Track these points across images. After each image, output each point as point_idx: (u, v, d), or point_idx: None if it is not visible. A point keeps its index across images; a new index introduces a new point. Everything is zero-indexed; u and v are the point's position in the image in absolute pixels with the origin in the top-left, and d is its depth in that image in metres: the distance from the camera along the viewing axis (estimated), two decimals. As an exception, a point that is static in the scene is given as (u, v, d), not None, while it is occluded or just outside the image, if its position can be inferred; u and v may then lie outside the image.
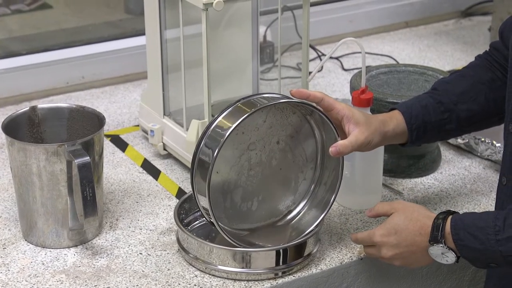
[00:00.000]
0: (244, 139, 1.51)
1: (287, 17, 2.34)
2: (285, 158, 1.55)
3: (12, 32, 2.45)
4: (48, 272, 1.52)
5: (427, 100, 1.58)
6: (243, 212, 1.55)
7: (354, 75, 1.84)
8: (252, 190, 1.54)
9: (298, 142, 1.55)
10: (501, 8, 2.48)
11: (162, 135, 1.86)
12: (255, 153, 1.53)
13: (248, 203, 1.55)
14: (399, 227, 1.45)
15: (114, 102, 2.17)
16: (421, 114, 1.56)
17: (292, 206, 1.58)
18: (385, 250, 1.47)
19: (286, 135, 1.54)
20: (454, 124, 1.57)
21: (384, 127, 1.53)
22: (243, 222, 1.55)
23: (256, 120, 1.50)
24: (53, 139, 1.64)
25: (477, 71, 1.60)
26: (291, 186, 1.58)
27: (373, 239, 1.48)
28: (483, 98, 1.57)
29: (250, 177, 1.54)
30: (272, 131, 1.53)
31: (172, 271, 1.52)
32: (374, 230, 1.48)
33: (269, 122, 1.52)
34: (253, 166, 1.53)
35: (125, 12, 2.61)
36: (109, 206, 1.72)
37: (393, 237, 1.45)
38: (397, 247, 1.45)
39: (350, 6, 2.60)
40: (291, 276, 1.52)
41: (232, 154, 1.51)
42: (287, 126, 1.54)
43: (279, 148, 1.54)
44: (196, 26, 1.71)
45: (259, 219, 1.57)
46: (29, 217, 1.58)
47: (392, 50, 2.50)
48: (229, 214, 1.54)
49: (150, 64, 1.88)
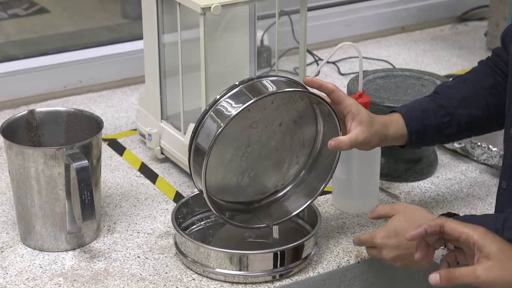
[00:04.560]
0: (249, 116, 1.52)
1: (285, 22, 2.34)
2: (283, 140, 1.57)
3: (10, 36, 2.45)
4: (46, 276, 1.52)
5: (428, 103, 1.58)
6: (232, 185, 1.56)
7: (351, 79, 1.85)
8: (245, 166, 1.56)
9: (299, 127, 1.57)
10: (496, 14, 2.49)
11: (159, 139, 1.86)
12: (256, 131, 1.54)
13: (238, 177, 1.56)
14: (400, 229, 1.45)
15: (112, 106, 2.18)
16: (422, 117, 1.56)
17: (280, 187, 1.60)
18: (386, 252, 1.47)
19: (290, 119, 1.55)
20: (454, 128, 1.58)
21: (385, 131, 1.54)
22: (230, 195, 1.56)
23: (264, 100, 1.50)
24: (51, 143, 1.64)
25: (478, 77, 1.61)
26: (283, 168, 1.59)
27: (374, 241, 1.49)
28: (484, 103, 1.58)
29: (247, 153, 1.55)
30: (277, 113, 1.54)
31: (170, 275, 1.53)
32: (375, 232, 1.49)
33: (277, 104, 1.53)
34: (252, 143, 1.55)
35: (122, 16, 2.62)
36: (107, 209, 1.72)
37: (393, 239, 1.46)
38: (398, 249, 1.46)
39: (347, 11, 2.61)
40: (289, 279, 1.52)
41: (233, 130, 1.51)
42: (293, 110, 1.55)
43: (281, 130, 1.56)
44: (194, 30, 1.72)
45: (246, 194, 1.58)
46: (27, 220, 1.58)
47: (388, 54, 2.50)
48: (219, 185, 1.54)
49: (147, 68, 1.88)
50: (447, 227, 1.28)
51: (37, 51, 2.29)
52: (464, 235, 1.26)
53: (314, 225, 1.57)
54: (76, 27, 2.51)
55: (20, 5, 2.49)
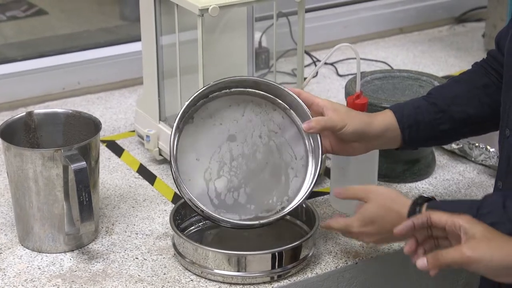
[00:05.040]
0: (223, 130, 1.56)
1: (282, 23, 2.34)
2: (270, 153, 1.58)
3: (8, 38, 2.45)
4: (44, 277, 1.52)
5: (420, 102, 1.59)
6: (230, 203, 1.56)
7: (349, 80, 1.85)
8: (237, 182, 1.56)
9: (283, 138, 1.58)
10: (494, 15, 2.49)
11: (157, 140, 1.86)
12: (236, 144, 1.56)
13: (234, 193, 1.56)
14: (375, 217, 1.46)
15: (110, 108, 2.18)
16: (414, 114, 1.57)
17: (286, 203, 1.57)
18: (366, 238, 1.49)
19: (269, 130, 1.57)
20: (448, 124, 1.58)
21: (369, 118, 1.54)
22: (231, 213, 1.55)
23: (233, 113, 1.56)
24: (49, 144, 1.64)
25: (472, 77, 1.62)
26: (281, 182, 1.58)
27: (351, 230, 1.49)
28: (478, 102, 1.58)
29: (234, 168, 1.56)
30: (252, 125, 1.57)
31: (168, 276, 1.53)
32: (351, 223, 1.49)
33: (248, 116, 1.57)
34: (236, 158, 1.56)
35: (121, 18, 2.62)
36: (105, 211, 1.72)
37: (371, 227, 1.47)
38: (378, 234, 1.47)
39: (344, 12, 2.61)
40: (287, 280, 1.52)
41: (211, 143, 1.55)
42: (268, 121, 1.58)
43: (263, 142, 1.57)
44: (192, 32, 1.72)
45: (247, 212, 1.56)
46: (26, 222, 1.58)
47: (386, 56, 2.51)
48: (214, 203, 1.55)
49: (146, 69, 1.89)
50: (434, 218, 1.30)
51: (35, 53, 2.29)
52: (449, 221, 1.28)
53: (312, 226, 1.57)
54: (74, 29, 2.52)
55: (19, 7, 2.49)
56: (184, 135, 1.55)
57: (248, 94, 1.58)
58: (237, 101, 1.57)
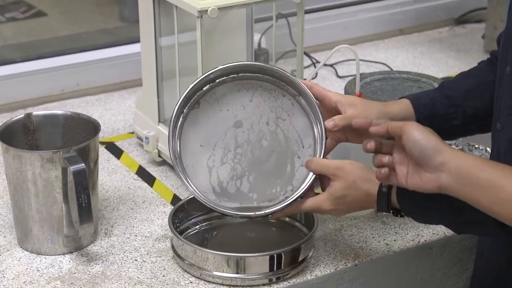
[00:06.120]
0: (229, 116, 1.53)
1: (282, 25, 2.34)
2: (276, 141, 1.55)
3: (7, 39, 2.45)
4: (43, 279, 1.52)
5: (435, 93, 1.58)
6: (232, 191, 1.54)
7: (348, 82, 1.85)
8: (241, 169, 1.54)
9: (291, 125, 1.55)
10: (494, 16, 2.49)
11: (157, 142, 1.86)
12: (242, 131, 1.54)
13: (237, 181, 1.54)
14: (344, 196, 1.45)
15: (109, 109, 2.18)
16: (430, 105, 1.55)
17: (290, 193, 1.53)
18: (337, 213, 1.50)
19: (277, 117, 1.55)
20: (460, 120, 1.57)
21: (385, 108, 1.53)
22: (233, 201, 1.53)
23: (241, 99, 1.53)
24: (48, 146, 1.64)
25: (480, 72, 1.62)
26: (286, 171, 1.55)
27: (322, 209, 1.48)
28: (489, 96, 1.57)
29: (238, 156, 1.54)
30: (260, 111, 1.54)
31: (167, 278, 1.53)
32: (320, 203, 1.47)
33: (256, 101, 1.54)
34: (241, 145, 1.54)
35: (120, 19, 2.62)
36: (104, 213, 1.72)
37: (341, 206, 1.47)
38: (349, 210, 1.49)
39: (344, 14, 2.61)
40: (286, 282, 1.52)
41: (216, 129, 1.53)
42: (277, 108, 1.55)
43: (270, 129, 1.55)
44: (191, 33, 1.72)
45: (249, 200, 1.54)
46: (24, 224, 1.58)
47: (386, 57, 2.51)
48: (216, 191, 1.53)
49: (145, 71, 1.89)
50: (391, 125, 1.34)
51: (34, 55, 2.29)
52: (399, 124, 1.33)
53: (311, 227, 1.57)
54: (74, 31, 2.52)
55: (18, 8, 2.49)
56: (189, 121, 1.53)
57: (256, 79, 1.54)
58: (245, 86, 1.55)
